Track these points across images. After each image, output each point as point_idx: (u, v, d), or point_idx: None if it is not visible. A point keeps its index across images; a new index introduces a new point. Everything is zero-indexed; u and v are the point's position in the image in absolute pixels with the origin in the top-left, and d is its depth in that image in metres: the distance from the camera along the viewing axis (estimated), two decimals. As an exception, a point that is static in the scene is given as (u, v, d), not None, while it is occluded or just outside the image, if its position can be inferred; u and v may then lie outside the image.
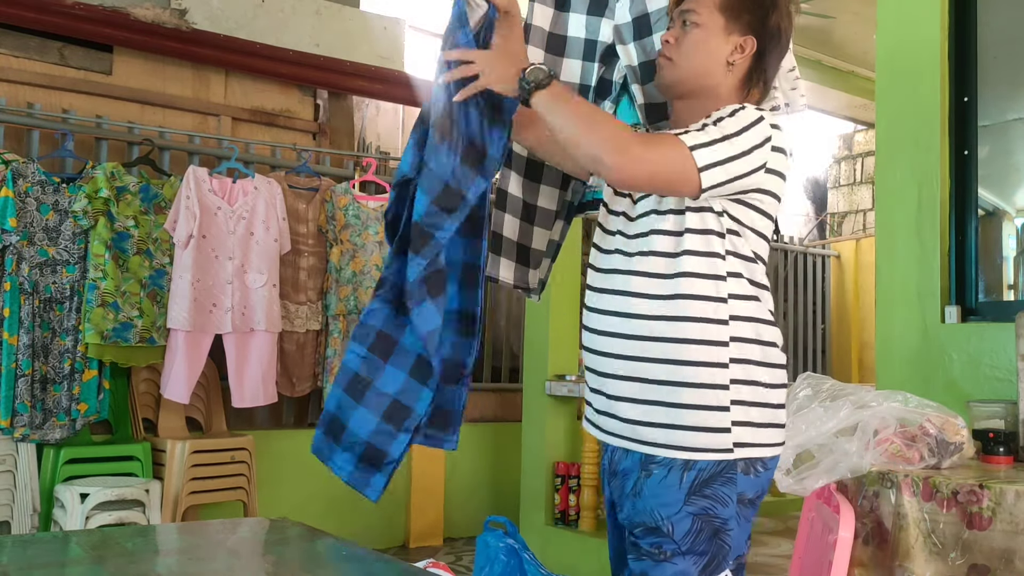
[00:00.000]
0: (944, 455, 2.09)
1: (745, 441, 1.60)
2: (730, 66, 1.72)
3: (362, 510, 4.94)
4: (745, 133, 1.61)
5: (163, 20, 4.52)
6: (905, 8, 3.10)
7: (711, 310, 1.61)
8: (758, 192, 1.64)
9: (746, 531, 1.63)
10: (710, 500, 1.58)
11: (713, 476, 1.58)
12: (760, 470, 1.63)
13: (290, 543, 1.84)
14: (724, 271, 1.62)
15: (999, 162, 3.08)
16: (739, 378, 1.61)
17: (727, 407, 1.59)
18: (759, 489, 1.65)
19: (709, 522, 1.58)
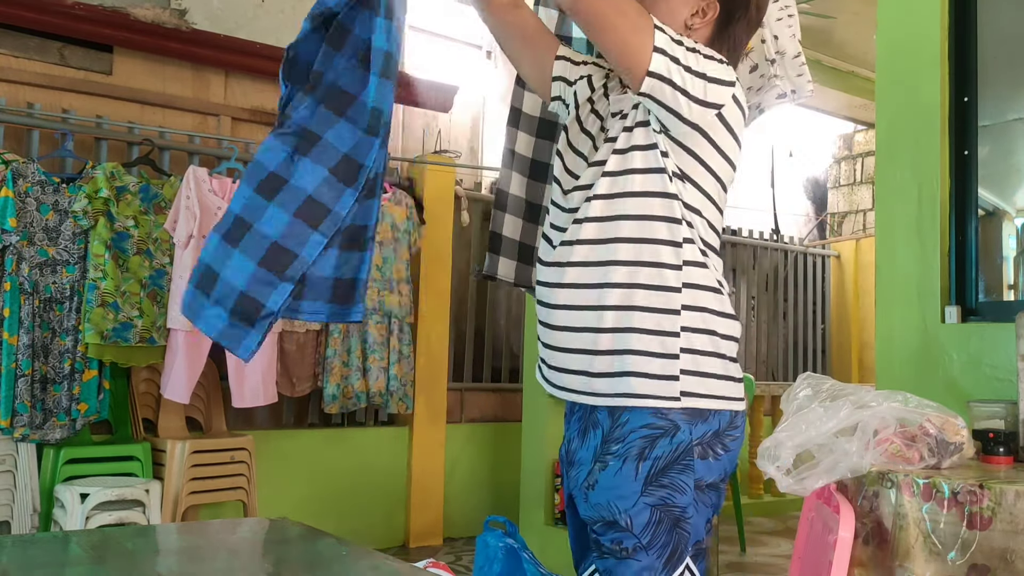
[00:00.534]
0: (944, 455, 2.09)
1: (694, 391, 1.55)
2: (689, 29, 1.64)
3: (362, 510, 4.94)
4: (714, 63, 1.55)
5: (163, 20, 4.52)
6: (905, 8, 3.10)
7: (667, 254, 1.56)
8: (704, 138, 1.56)
9: (705, 516, 1.59)
10: (667, 489, 1.53)
11: (669, 464, 1.53)
12: (720, 452, 1.58)
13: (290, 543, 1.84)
14: (679, 214, 1.56)
15: (999, 162, 3.08)
16: (691, 326, 1.56)
17: (676, 355, 1.54)
18: (720, 472, 1.59)
19: (668, 512, 1.54)
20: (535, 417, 4.74)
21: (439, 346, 5.26)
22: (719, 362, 1.58)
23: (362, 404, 4.77)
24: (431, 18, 6.22)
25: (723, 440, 1.59)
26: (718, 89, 1.54)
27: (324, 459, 4.85)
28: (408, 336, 4.91)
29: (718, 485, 1.60)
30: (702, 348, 1.56)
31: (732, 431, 1.61)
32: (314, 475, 4.79)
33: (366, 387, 4.73)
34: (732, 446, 1.61)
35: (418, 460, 5.16)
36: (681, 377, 1.54)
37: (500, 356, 5.94)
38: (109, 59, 4.56)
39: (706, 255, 1.59)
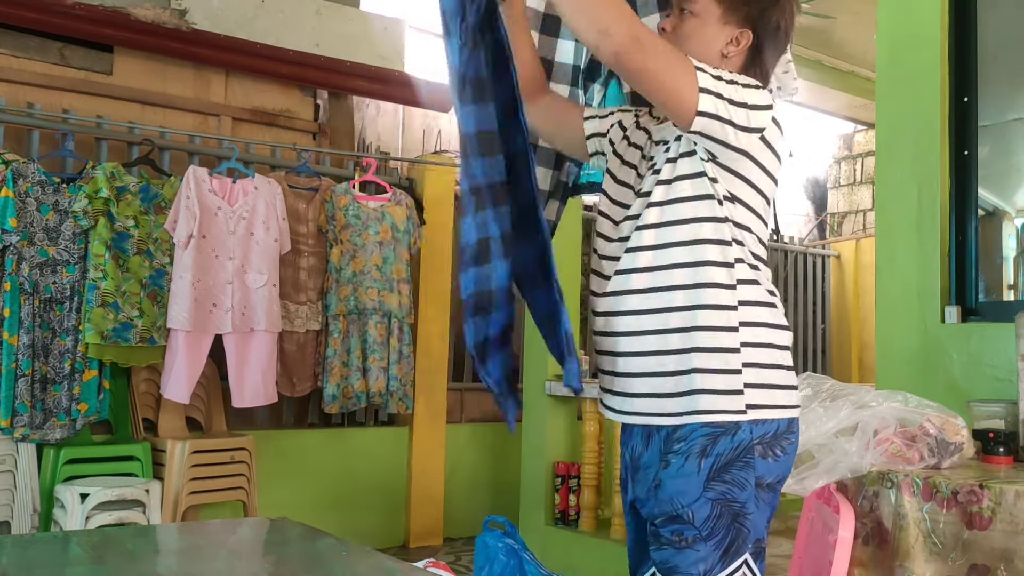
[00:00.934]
0: (944, 455, 2.09)
1: (759, 403, 1.62)
2: (724, 58, 1.71)
3: (362, 510, 4.94)
4: (752, 90, 1.62)
5: (163, 20, 4.52)
6: (905, 8, 3.10)
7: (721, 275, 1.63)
8: (751, 161, 1.64)
9: (765, 515, 1.64)
10: (728, 485, 1.59)
11: (731, 461, 1.60)
12: (779, 454, 1.64)
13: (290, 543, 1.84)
14: (730, 236, 1.64)
15: (999, 162, 3.08)
16: (751, 341, 1.63)
17: (739, 370, 1.62)
18: (778, 474, 1.65)
19: (728, 506, 1.59)
20: (535, 417, 4.74)
21: (439, 346, 5.26)
22: (779, 373, 1.67)
23: (362, 404, 4.77)
24: (431, 18, 6.21)
25: (781, 443, 1.65)
26: (759, 114, 1.62)
27: (324, 459, 4.85)
28: (408, 336, 4.91)
29: (775, 487, 1.66)
30: (762, 361, 1.65)
31: (789, 435, 1.68)
32: (314, 475, 4.79)
33: (366, 387, 4.73)
34: (789, 450, 1.68)
35: (418, 460, 5.16)
36: (746, 391, 1.62)
37: (500, 356, 5.93)
38: (109, 59, 4.56)
39: (757, 270, 1.67)
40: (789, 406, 1.68)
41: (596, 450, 4.38)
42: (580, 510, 4.46)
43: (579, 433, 4.57)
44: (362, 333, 4.73)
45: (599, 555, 4.25)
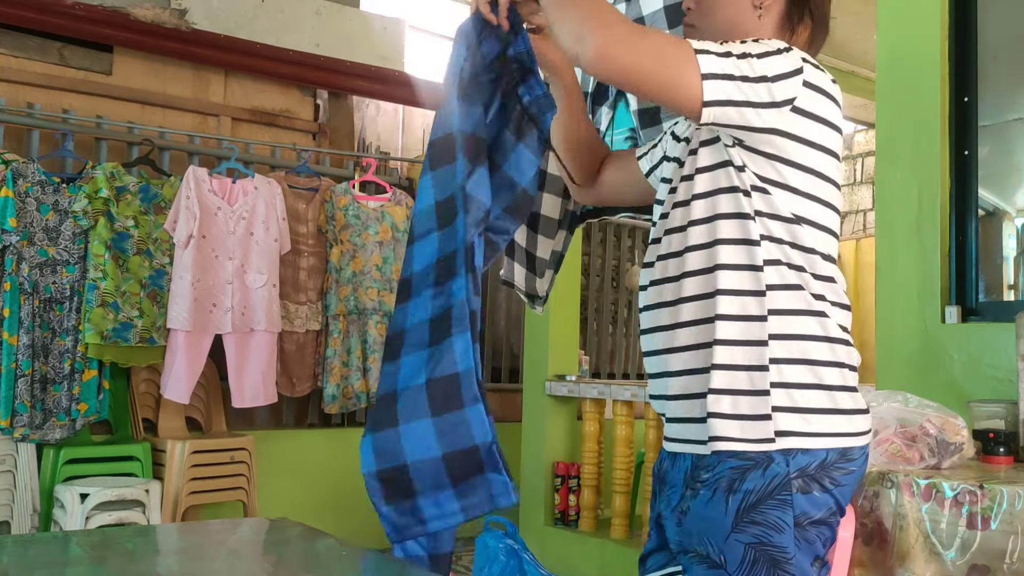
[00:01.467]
0: (944, 455, 2.09)
1: (792, 430, 1.39)
2: (759, 10, 1.52)
3: (362, 510, 4.94)
4: (772, 57, 1.39)
5: (163, 20, 4.52)
6: (905, 8, 3.10)
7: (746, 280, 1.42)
8: (784, 137, 1.42)
9: (810, 555, 1.42)
10: (761, 527, 1.38)
11: (762, 499, 1.38)
12: (828, 486, 1.41)
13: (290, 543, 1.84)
14: (757, 234, 1.42)
15: (999, 162, 3.08)
16: (781, 356, 1.40)
17: (767, 391, 1.39)
18: (827, 508, 1.42)
19: (764, 551, 1.38)
20: (535, 417, 4.74)
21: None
22: (822, 394, 1.42)
23: (362, 404, 4.77)
24: (431, 18, 6.22)
25: (831, 473, 1.41)
26: (784, 84, 1.39)
27: (324, 459, 4.85)
28: (408, 336, 4.90)
29: (827, 520, 1.43)
30: (798, 380, 1.41)
31: (845, 463, 1.43)
32: (314, 475, 4.79)
33: (366, 387, 4.73)
34: (844, 480, 1.43)
35: (418, 460, 5.16)
36: (775, 415, 1.39)
37: (500, 356, 5.93)
38: (109, 59, 4.56)
39: (803, 272, 1.43)
40: (838, 434, 1.42)
41: (596, 450, 4.38)
42: (580, 510, 4.46)
43: (579, 433, 4.57)
44: (362, 333, 4.73)
45: (599, 555, 4.25)
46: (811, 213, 1.44)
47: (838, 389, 1.43)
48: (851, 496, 1.49)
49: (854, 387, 1.46)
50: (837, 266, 1.50)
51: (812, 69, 1.43)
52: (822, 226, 1.45)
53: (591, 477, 4.38)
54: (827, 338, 1.44)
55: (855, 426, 1.45)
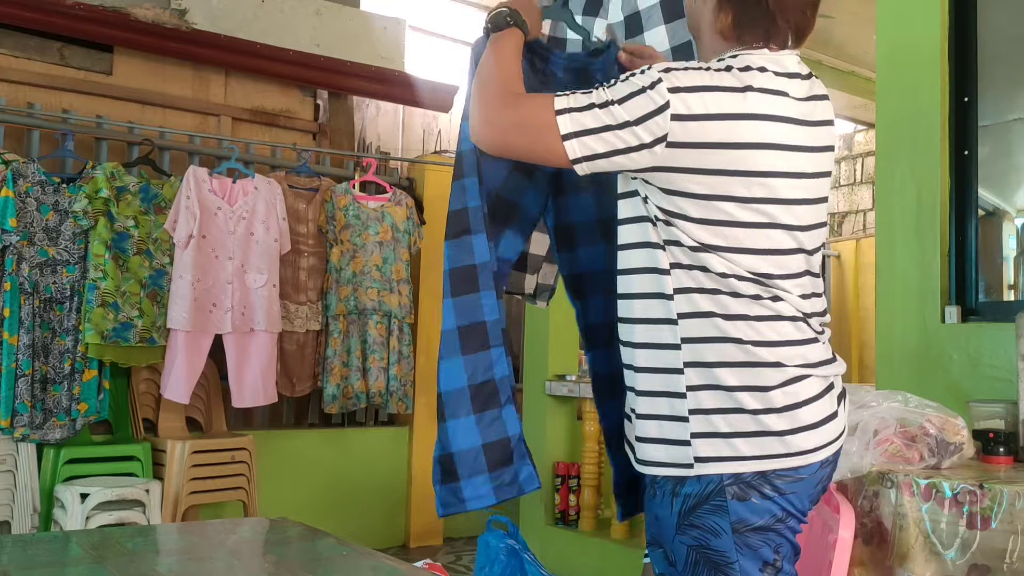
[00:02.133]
0: (944, 455, 2.09)
1: (712, 455, 1.41)
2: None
3: (362, 510, 4.94)
4: (632, 99, 1.40)
5: (163, 20, 4.52)
6: (905, 8, 3.10)
7: (657, 309, 1.46)
8: (668, 172, 1.42)
9: (756, 560, 1.43)
10: (699, 530, 1.43)
11: (699, 503, 1.42)
12: (769, 493, 1.42)
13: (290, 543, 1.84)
14: (667, 263, 1.44)
15: (999, 162, 3.08)
16: (696, 383, 1.43)
17: (685, 417, 1.43)
18: (771, 513, 1.43)
19: (703, 554, 1.43)
20: (535, 417, 4.74)
21: (439, 346, 5.25)
22: (746, 418, 1.42)
23: (362, 404, 4.77)
24: (431, 18, 6.22)
25: (772, 482, 1.42)
26: (649, 125, 1.39)
27: (324, 459, 4.85)
28: (408, 336, 4.91)
29: (770, 527, 1.43)
30: (716, 406, 1.42)
31: (788, 474, 1.43)
32: (314, 475, 4.79)
33: (366, 387, 4.73)
34: (790, 487, 1.44)
35: (418, 460, 5.16)
36: (693, 441, 1.43)
37: (500, 356, 5.93)
38: (109, 59, 4.56)
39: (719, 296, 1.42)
40: (770, 456, 1.41)
41: (596, 450, 4.38)
42: (580, 510, 4.46)
43: (579, 433, 4.57)
44: (362, 333, 4.73)
45: (599, 555, 4.25)
46: (723, 239, 1.42)
47: (763, 412, 1.42)
48: (808, 499, 1.49)
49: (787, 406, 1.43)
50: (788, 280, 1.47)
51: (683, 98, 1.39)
52: (741, 248, 1.42)
53: (591, 477, 4.38)
54: (747, 363, 1.42)
55: (793, 446, 1.43)
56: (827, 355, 1.54)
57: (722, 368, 1.42)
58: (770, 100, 1.43)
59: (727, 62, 1.47)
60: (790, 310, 1.46)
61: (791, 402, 1.44)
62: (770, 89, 1.44)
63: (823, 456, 1.47)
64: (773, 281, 1.45)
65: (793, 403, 1.44)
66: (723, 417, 1.42)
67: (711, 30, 1.54)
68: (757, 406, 1.42)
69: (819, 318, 1.53)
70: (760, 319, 1.44)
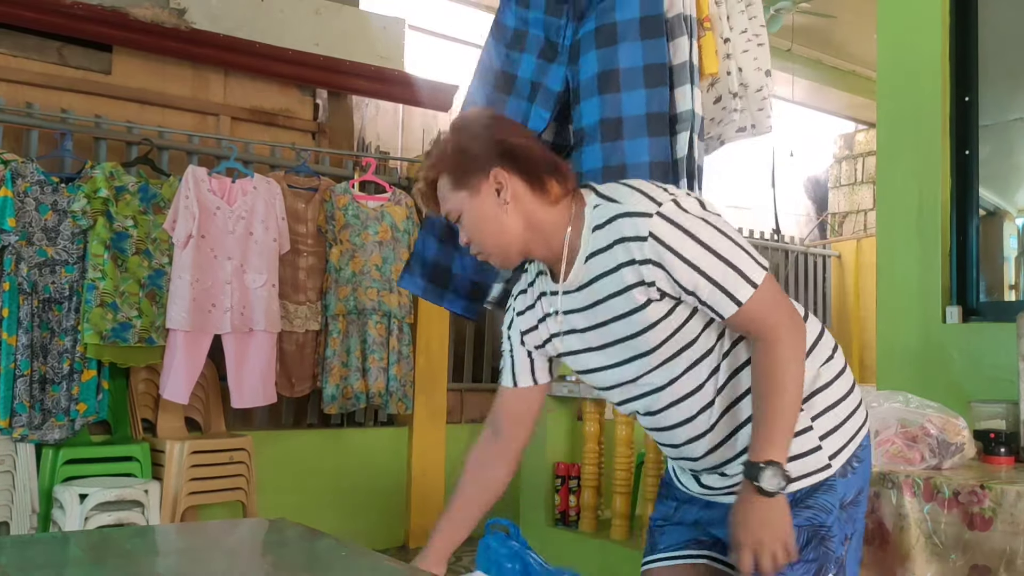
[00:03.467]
0: (945, 455, 2.09)
1: (839, 447, 1.64)
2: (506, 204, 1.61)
3: (362, 510, 4.93)
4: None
5: (162, 20, 4.51)
6: (905, 8, 3.10)
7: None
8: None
9: (844, 532, 1.65)
10: (814, 510, 1.61)
11: (814, 486, 1.62)
12: (855, 465, 1.66)
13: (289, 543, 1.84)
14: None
15: (1000, 162, 3.08)
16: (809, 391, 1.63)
17: (810, 427, 1.63)
18: (858, 487, 1.67)
19: (815, 531, 1.61)
20: (535, 417, 4.73)
21: (439, 346, 5.25)
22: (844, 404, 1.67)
23: (361, 404, 4.76)
24: (431, 18, 6.22)
25: (859, 454, 1.67)
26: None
27: (324, 459, 4.84)
28: (408, 336, 4.90)
29: (858, 501, 1.68)
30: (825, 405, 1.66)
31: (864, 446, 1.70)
32: (314, 475, 4.78)
33: (365, 387, 4.73)
34: (863, 456, 1.69)
35: (418, 460, 5.16)
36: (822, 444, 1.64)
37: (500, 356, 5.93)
38: (108, 59, 4.55)
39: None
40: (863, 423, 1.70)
41: (596, 450, 4.37)
42: (580, 511, 4.46)
43: (579, 433, 4.57)
44: (362, 333, 4.72)
45: (599, 555, 4.24)
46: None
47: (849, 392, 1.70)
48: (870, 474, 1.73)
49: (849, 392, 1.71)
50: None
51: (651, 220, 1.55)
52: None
53: (591, 478, 4.37)
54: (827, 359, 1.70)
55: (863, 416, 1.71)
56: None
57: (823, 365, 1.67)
58: None
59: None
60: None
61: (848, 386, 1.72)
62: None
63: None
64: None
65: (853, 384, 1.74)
66: (833, 411, 1.65)
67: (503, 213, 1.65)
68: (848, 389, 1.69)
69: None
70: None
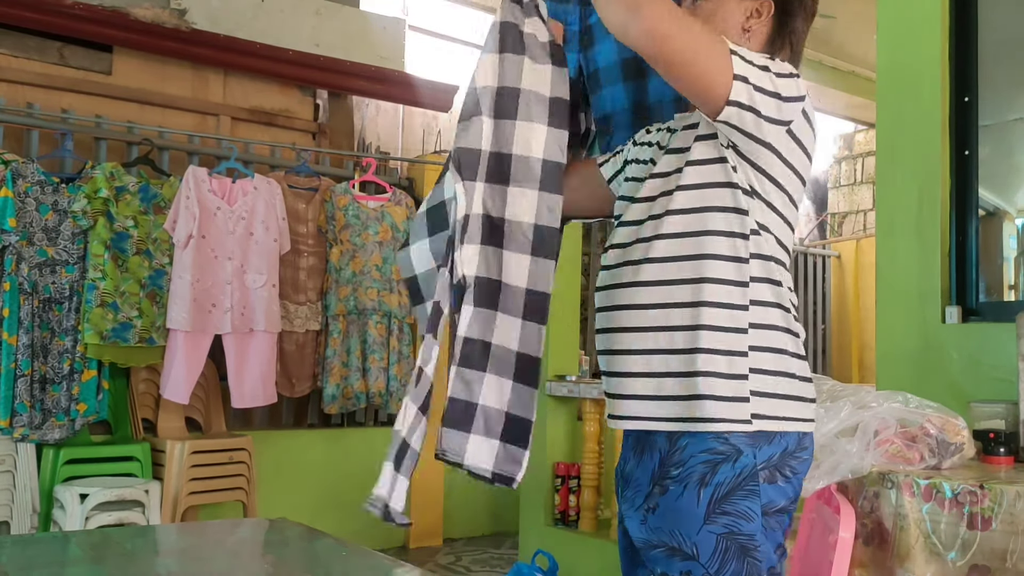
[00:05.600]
0: (945, 455, 2.09)
1: (764, 413, 1.47)
2: (747, 33, 1.58)
3: (362, 510, 4.93)
4: (785, 79, 1.49)
5: (163, 20, 4.52)
6: (905, 8, 3.10)
7: (732, 271, 1.49)
8: (774, 154, 1.50)
9: (774, 541, 1.50)
10: (732, 516, 1.45)
11: (732, 490, 1.45)
12: (788, 475, 1.50)
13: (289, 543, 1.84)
14: (747, 228, 1.50)
15: (1000, 162, 3.08)
16: (758, 344, 1.49)
17: (745, 375, 1.47)
18: (789, 496, 1.51)
19: (735, 540, 1.45)
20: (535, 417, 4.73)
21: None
22: (788, 382, 1.51)
23: (362, 404, 4.77)
24: (431, 18, 6.22)
25: (790, 463, 1.51)
26: (790, 107, 1.49)
27: (324, 459, 4.85)
28: (408, 336, 4.90)
29: (787, 509, 1.52)
30: (771, 368, 1.49)
31: (800, 452, 1.53)
32: (314, 476, 4.79)
33: (366, 387, 4.73)
34: (800, 468, 1.53)
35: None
36: (752, 399, 1.47)
37: (500, 356, 5.93)
38: (109, 59, 4.55)
39: (774, 271, 1.52)
40: (799, 419, 1.52)
41: (596, 451, 4.38)
42: (580, 511, 4.46)
43: (579, 434, 4.57)
44: (362, 333, 4.72)
45: (599, 555, 4.24)
46: (774, 226, 1.53)
47: (800, 379, 1.53)
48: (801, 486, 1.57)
49: (810, 378, 1.56)
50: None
51: (808, 101, 1.53)
52: (780, 241, 1.55)
53: (591, 477, 4.38)
54: (792, 332, 1.53)
55: (809, 412, 1.56)
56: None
57: (783, 333, 1.52)
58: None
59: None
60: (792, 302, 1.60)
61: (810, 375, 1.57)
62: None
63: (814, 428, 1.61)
64: (784, 274, 1.57)
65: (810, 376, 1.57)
66: (776, 379, 1.50)
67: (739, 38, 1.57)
68: (799, 372, 1.53)
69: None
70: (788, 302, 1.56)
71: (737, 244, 1.49)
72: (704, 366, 1.47)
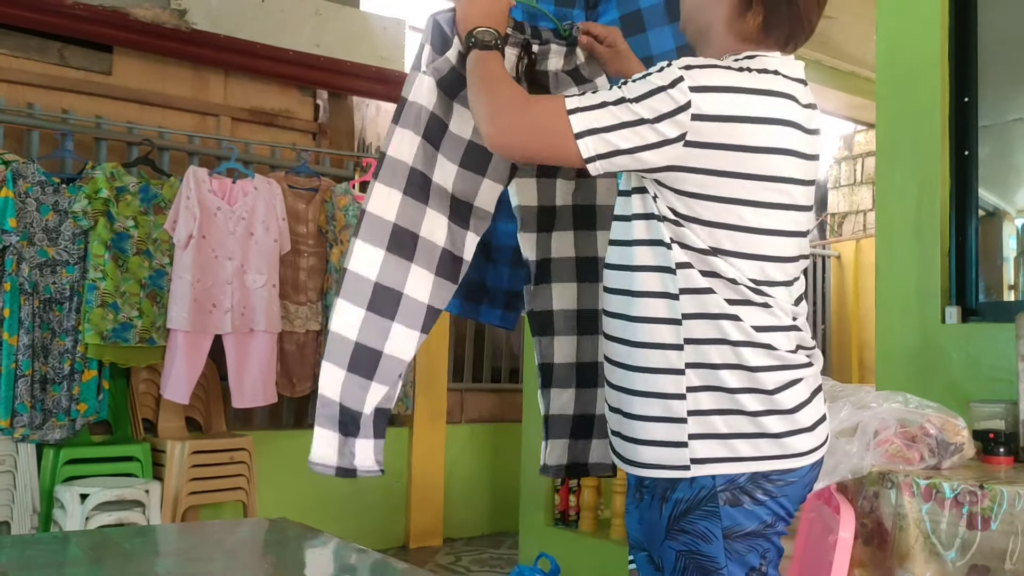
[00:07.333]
0: (944, 456, 2.09)
1: (709, 456, 1.40)
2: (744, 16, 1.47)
3: (362, 510, 4.94)
4: (649, 99, 1.38)
5: (163, 20, 4.52)
6: (905, 8, 3.10)
7: (662, 308, 1.43)
8: (684, 172, 1.40)
9: (744, 566, 1.42)
10: (689, 536, 1.41)
11: (690, 509, 1.41)
12: (760, 497, 1.41)
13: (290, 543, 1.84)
14: (673, 262, 1.42)
15: (999, 162, 3.08)
16: (697, 385, 1.41)
17: (683, 419, 1.41)
18: (760, 520, 1.42)
19: (693, 559, 1.41)
20: (535, 417, 4.72)
21: (439, 346, 5.26)
22: (744, 419, 1.41)
23: (362, 404, 4.76)
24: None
25: (764, 485, 1.42)
26: (667, 123, 1.37)
27: (324, 459, 4.84)
28: (408, 336, 4.90)
29: (762, 532, 1.43)
30: (711, 407, 1.41)
31: (780, 477, 1.43)
32: (314, 475, 4.76)
33: (366, 387, 4.73)
34: (780, 491, 1.43)
35: (418, 460, 5.16)
36: (691, 442, 1.41)
37: (500, 356, 5.93)
38: (109, 59, 4.55)
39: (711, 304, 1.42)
40: (765, 457, 1.41)
41: (596, 450, 4.37)
42: (580, 510, 4.46)
43: (579, 433, 4.56)
44: (362, 333, 4.72)
45: (599, 555, 4.24)
46: (733, 243, 1.41)
47: (764, 414, 1.42)
48: (797, 503, 1.48)
49: (786, 410, 1.43)
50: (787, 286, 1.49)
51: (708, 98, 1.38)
52: (751, 254, 1.43)
53: (591, 477, 4.37)
54: (751, 367, 1.41)
55: (788, 448, 1.43)
56: (813, 355, 1.52)
57: (726, 370, 1.41)
58: (785, 104, 1.44)
59: (743, 63, 1.45)
60: (786, 316, 1.47)
61: (792, 405, 1.44)
62: (784, 93, 1.45)
63: (815, 459, 1.48)
64: (775, 288, 1.46)
65: (793, 406, 1.44)
66: (722, 418, 1.41)
67: (726, 30, 1.50)
68: (758, 408, 1.41)
69: (803, 319, 1.53)
70: (763, 325, 1.43)
71: (665, 279, 1.43)
72: (640, 409, 1.45)
